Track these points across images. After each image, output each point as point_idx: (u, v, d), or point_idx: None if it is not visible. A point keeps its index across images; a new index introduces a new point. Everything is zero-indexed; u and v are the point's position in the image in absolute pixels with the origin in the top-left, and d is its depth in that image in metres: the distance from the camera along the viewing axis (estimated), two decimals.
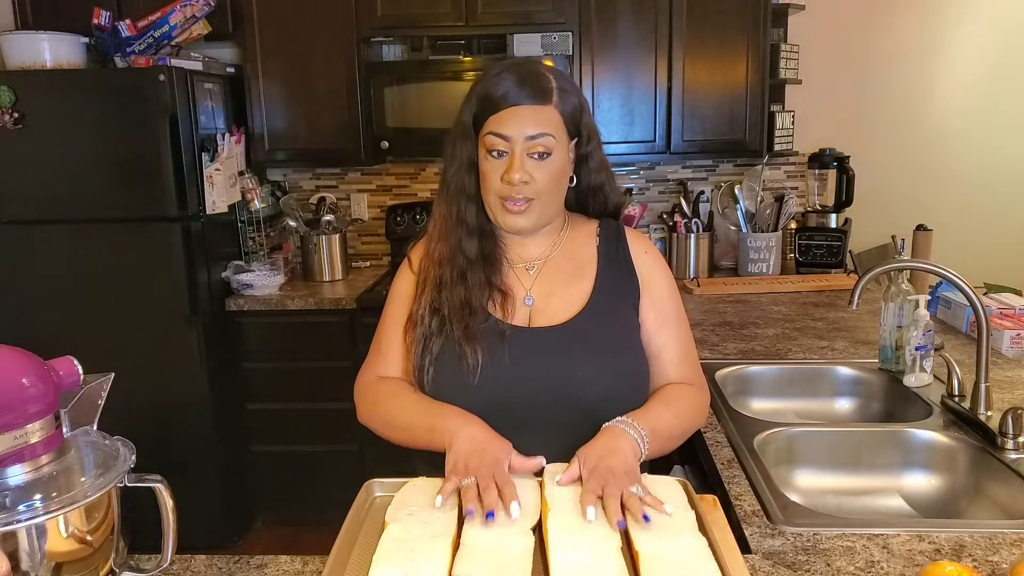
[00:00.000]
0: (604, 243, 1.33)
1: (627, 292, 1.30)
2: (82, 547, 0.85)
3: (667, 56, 2.89)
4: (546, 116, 1.20)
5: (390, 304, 1.35)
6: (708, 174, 3.32)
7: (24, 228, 2.65)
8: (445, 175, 1.29)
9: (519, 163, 1.19)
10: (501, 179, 1.20)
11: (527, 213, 1.23)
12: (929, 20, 3.14)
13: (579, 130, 1.26)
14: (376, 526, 1.01)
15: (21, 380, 0.83)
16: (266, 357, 2.88)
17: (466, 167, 1.25)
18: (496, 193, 1.22)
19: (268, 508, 3.03)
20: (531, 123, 1.19)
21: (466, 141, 1.25)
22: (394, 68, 3.00)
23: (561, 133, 1.22)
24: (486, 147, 1.21)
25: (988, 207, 3.22)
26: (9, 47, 2.63)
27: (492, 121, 1.20)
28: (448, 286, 1.25)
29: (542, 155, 1.20)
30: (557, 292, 1.28)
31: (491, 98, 1.20)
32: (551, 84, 1.21)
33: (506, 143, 1.19)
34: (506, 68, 1.22)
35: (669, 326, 1.31)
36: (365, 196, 3.38)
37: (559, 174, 1.24)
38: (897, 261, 1.98)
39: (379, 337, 1.34)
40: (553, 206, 1.27)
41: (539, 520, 0.99)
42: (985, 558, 1.02)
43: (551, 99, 1.20)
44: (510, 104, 1.19)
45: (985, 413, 1.44)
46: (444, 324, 1.23)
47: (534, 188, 1.21)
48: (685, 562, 0.89)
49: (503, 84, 1.20)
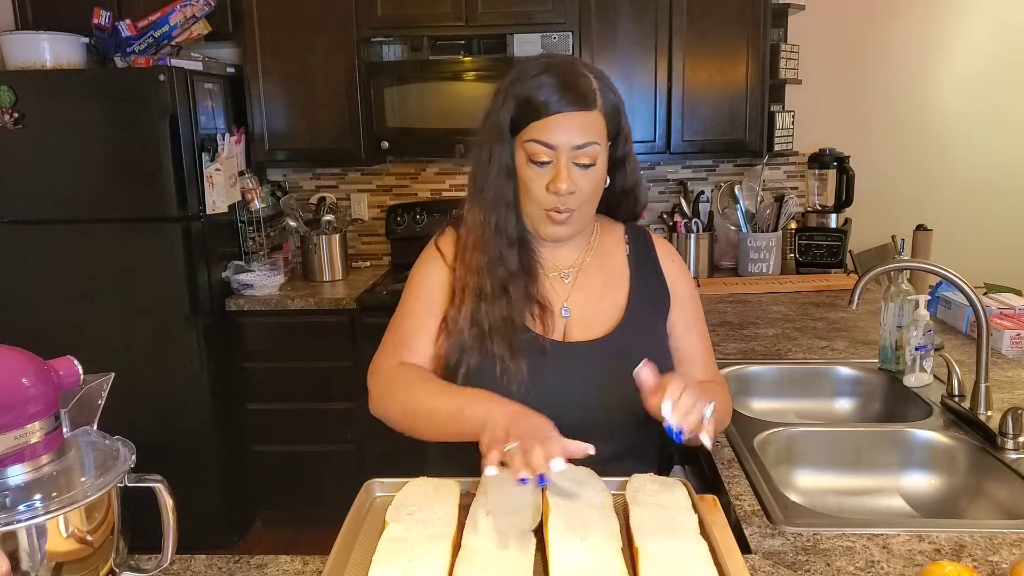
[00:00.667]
0: (634, 251, 1.33)
1: (659, 303, 1.30)
2: (82, 547, 0.85)
3: (667, 56, 2.89)
4: (591, 122, 1.15)
5: (416, 289, 1.28)
6: (708, 174, 3.32)
7: (24, 228, 2.65)
8: (479, 179, 1.23)
9: (566, 172, 1.15)
10: (546, 188, 1.16)
11: (569, 222, 1.20)
12: (929, 20, 3.14)
13: (617, 132, 1.22)
14: (376, 526, 1.01)
15: (21, 380, 0.83)
16: (266, 357, 2.88)
17: (504, 174, 1.20)
18: (540, 204, 1.19)
19: (268, 508, 3.03)
20: (578, 132, 1.14)
21: (503, 145, 1.19)
22: (394, 68, 3.00)
23: (604, 139, 1.19)
24: (527, 154, 1.16)
25: (988, 207, 3.22)
26: (9, 47, 2.63)
27: (535, 128, 1.15)
28: (489, 299, 1.20)
29: (587, 165, 1.16)
30: (592, 304, 1.27)
31: (532, 103, 1.15)
32: (593, 86, 1.16)
33: (551, 152, 1.15)
34: (545, 69, 1.16)
35: (694, 332, 1.34)
36: (365, 196, 3.38)
37: (601, 181, 1.21)
38: (897, 261, 1.98)
39: (401, 322, 1.28)
40: (591, 212, 1.24)
41: (540, 521, 0.99)
42: (985, 558, 1.02)
43: (595, 103, 1.16)
44: (554, 111, 1.14)
45: (985, 413, 1.44)
46: (484, 340, 1.19)
47: (579, 197, 1.18)
48: (685, 564, 0.89)
49: (545, 88, 1.14)
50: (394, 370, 1.23)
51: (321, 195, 3.30)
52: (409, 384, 1.20)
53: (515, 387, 1.16)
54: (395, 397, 1.21)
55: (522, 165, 1.19)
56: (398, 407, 1.20)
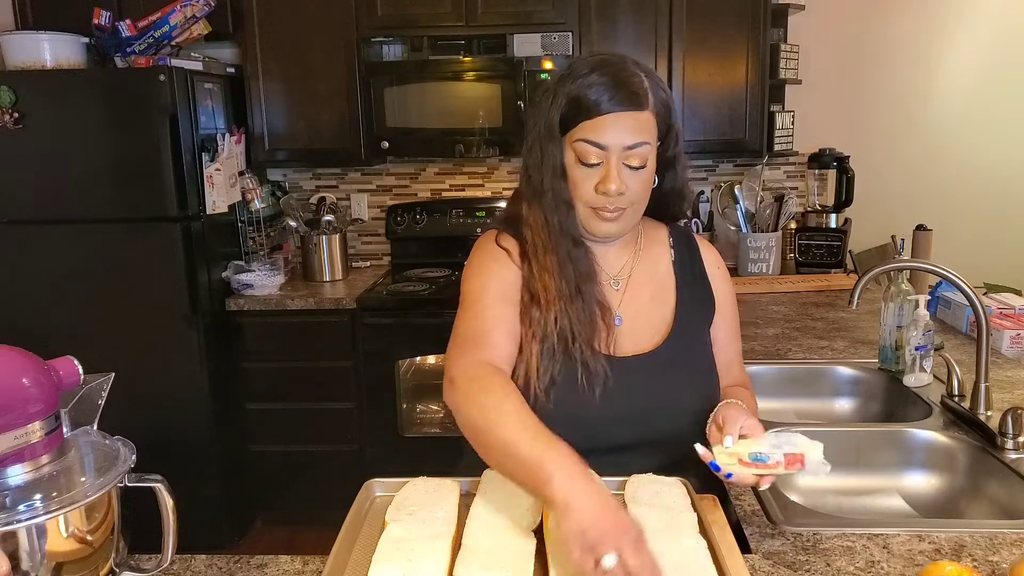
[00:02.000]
0: (679, 257, 1.32)
1: (705, 312, 1.31)
2: (82, 547, 0.85)
3: (667, 56, 2.89)
4: (643, 123, 1.14)
5: (487, 282, 1.22)
6: (708, 174, 3.32)
7: (24, 228, 2.65)
8: (534, 180, 1.21)
9: (616, 173, 1.14)
10: (596, 189, 1.16)
11: (619, 220, 1.19)
12: (929, 20, 3.14)
13: (668, 131, 1.21)
14: (376, 526, 1.01)
15: (21, 380, 0.83)
16: (266, 357, 2.88)
17: (560, 175, 1.19)
18: (588, 203, 1.18)
19: (268, 508, 3.03)
20: (629, 133, 1.13)
21: (554, 144, 1.18)
22: (394, 68, 3.00)
23: (654, 139, 1.18)
24: (577, 154, 1.16)
25: (988, 207, 3.22)
26: (9, 47, 2.63)
27: (586, 127, 1.14)
28: (568, 299, 1.19)
29: (638, 167, 1.15)
30: (643, 315, 1.26)
31: (584, 102, 1.13)
32: (644, 85, 1.15)
33: (602, 152, 1.14)
34: (597, 67, 1.15)
35: (732, 342, 1.35)
36: (365, 196, 3.38)
37: (650, 181, 1.20)
38: (897, 261, 1.99)
39: (477, 321, 1.18)
40: (640, 213, 1.23)
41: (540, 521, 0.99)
42: (985, 558, 1.02)
43: (647, 103, 1.14)
44: (605, 111, 1.12)
45: (985, 413, 1.44)
46: (569, 345, 1.17)
47: (628, 198, 1.17)
48: (684, 563, 0.89)
49: (596, 87, 1.13)
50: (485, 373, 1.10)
51: (321, 195, 3.30)
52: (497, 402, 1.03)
53: (598, 390, 1.15)
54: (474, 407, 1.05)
55: (571, 165, 1.17)
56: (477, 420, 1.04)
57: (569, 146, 1.17)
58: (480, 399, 1.04)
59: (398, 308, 2.79)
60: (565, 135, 1.17)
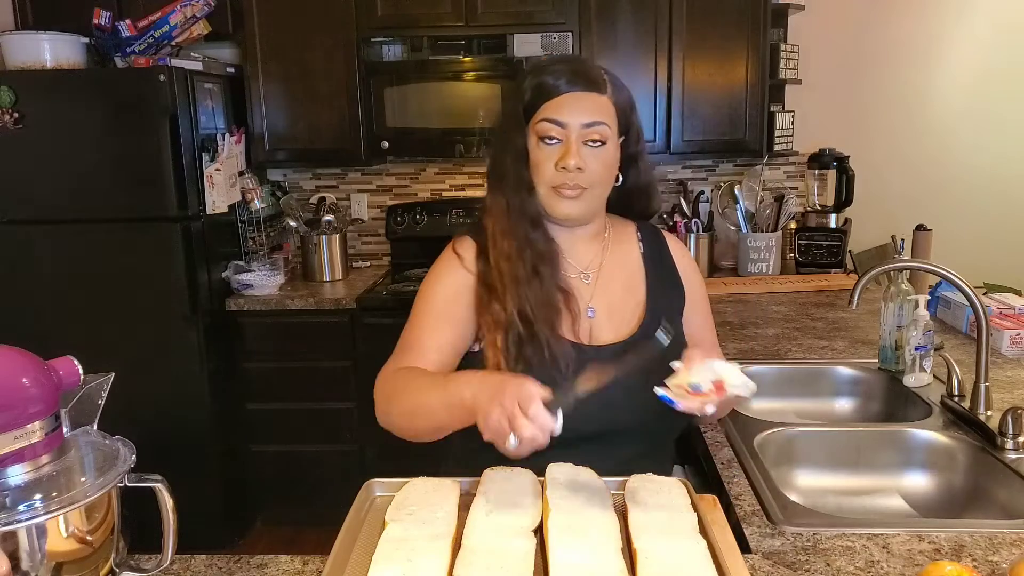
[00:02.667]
0: (648, 249, 1.35)
1: (676, 301, 1.34)
2: (82, 547, 0.85)
3: (667, 56, 2.89)
4: (601, 105, 1.20)
5: (429, 294, 1.27)
6: (708, 174, 3.32)
7: (24, 228, 2.65)
8: (498, 167, 1.26)
9: (575, 148, 1.18)
10: (555, 165, 1.19)
11: (579, 200, 1.22)
12: (929, 20, 3.14)
13: (628, 127, 1.26)
14: (376, 526, 1.01)
15: (21, 380, 0.83)
16: (266, 357, 2.88)
17: (521, 158, 1.23)
18: (549, 182, 1.21)
19: (268, 508, 3.03)
20: (587, 111, 1.18)
21: (518, 131, 1.23)
22: (394, 68, 2.99)
23: (614, 125, 1.22)
24: (539, 134, 1.20)
25: (988, 207, 3.22)
26: (9, 47, 2.63)
27: (547, 108, 1.19)
28: (524, 281, 1.21)
29: (596, 143, 1.19)
30: (616, 305, 1.29)
31: (544, 86, 1.20)
32: (603, 76, 1.22)
33: (561, 130, 1.19)
34: (558, 60, 1.26)
35: (707, 330, 1.39)
36: (365, 196, 3.38)
37: (611, 166, 1.24)
38: (897, 261, 1.99)
39: (412, 330, 1.25)
40: (601, 199, 1.26)
41: (540, 521, 0.99)
42: (985, 558, 1.02)
43: (605, 89, 1.21)
44: (564, 91, 1.19)
45: (985, 413, 1.44)
46: (531, 325, 1.19)
47: (588, 177, 1.20)
48: (684, 563, 0.89)
49: (557, 72, 1.20)
50: (391, 377, 1.20)
51: (321, 195, 3.30)
52: (404, 386, 1.17)
53: (563, 364, 1.17)
54: (395, 405, 1.18)
55: (533, 147, 1.22)
56: (398, 415, 1.17)
57: (532, 130, 1.22)
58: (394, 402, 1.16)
59: (398, 308, 2.79)
60: (528, 121, 1.22)
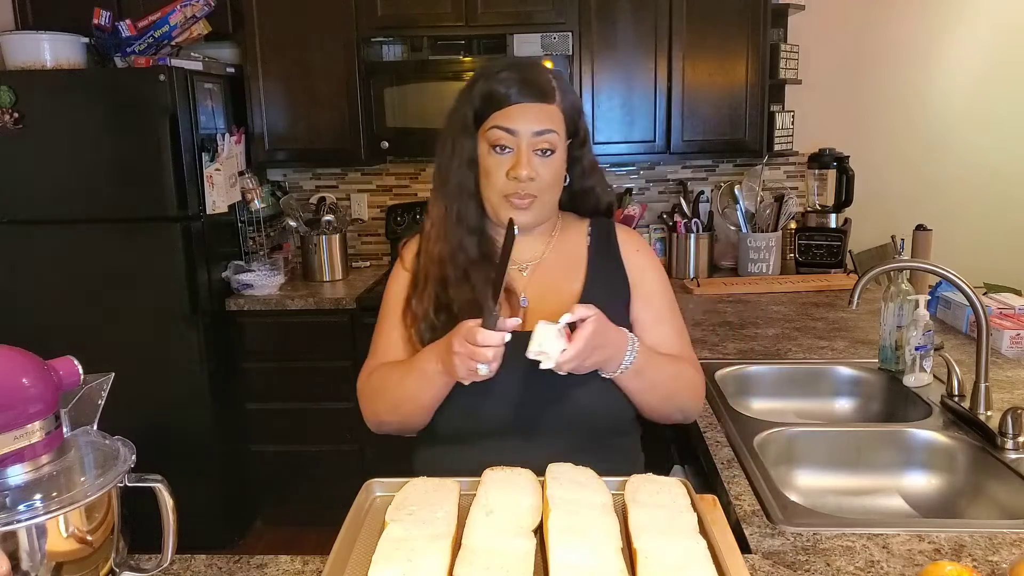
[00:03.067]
0: (595, 243, 1.35)
1: (618, 292, 1.32)
2: (82, 547, 0.85)
3: (667, 56, 2.89)
4: (550, 113, 1.22)
5: (386, 305, 1.35)
6: (708, 174, 3.32)
7: (24, 228, 2.65)
8: (443, 172, 1.28)
9: (526, 158, 1.20)
10: (507, 175, 1.21)
11: (530, 209, 1.24)
12: (929, 20, 3.14)
13: (576, 130, 1.28)
14: (376, 526, 1.01)
15: (21, 380, 0.83)
16: (266, 357, 2.88)
17: (467, 164, 1.25)
18: (500, 190, 1.23)
19: (268, 508, 3.03)
20: (537, 119, 1.20)
21: (466, 138, 1.25)
22: (394, 68, 3.00)
23: (562, 131, 1.24)
24: (489, 142, 1.22)
25: (988, 207, 3.22)
26: (9, 47, 2.63)
27: (497, 116, 1.21)
28: (454, 284, 1.25)
29: (546, 152, 1.21)
30: (551, 294, 1.29)
31: (495, 95, 1.21)
32: (552, 83, 1.23)
33: (512, 138, 1.20)
34: (508, 67, 1.24)
35: (663, 324, 1.33)
36: (365, 196, 3.38)
37: (560, 171, 1.26)
38: (897, 261, 1.99)
39: (376, 338, 1.34)
40: (552, 204, 1.29)
41: (540, 521, 0.99)
42: (985, 558, 1.02)
43: (554, 98, 1.22)
44: (515, 101, 1.20)
45: (985, 413, 1.44)
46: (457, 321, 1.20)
47: (538, 185, 1.22)
48: (684, 563, 0.89)
49: (507, 81, 1.21)
50: (367, 383, 1.30)
51: (321, 195, 3.30)
52: (381, 385, 1.27)
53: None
54: (380, 404, 1.27)
55: (484, 155, 1.24)
56: (384, 411, 1.27)
57: (482, 137, 1.23)
58: (378, 399, 1.27)
59: None
60: (478, 129, 1.24)
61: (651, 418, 1.31)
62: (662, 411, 1.29)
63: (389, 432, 1.31)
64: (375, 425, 1.31)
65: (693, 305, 2.58)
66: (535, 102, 1.20)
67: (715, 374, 1.79)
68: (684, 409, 1.32)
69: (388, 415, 1.27)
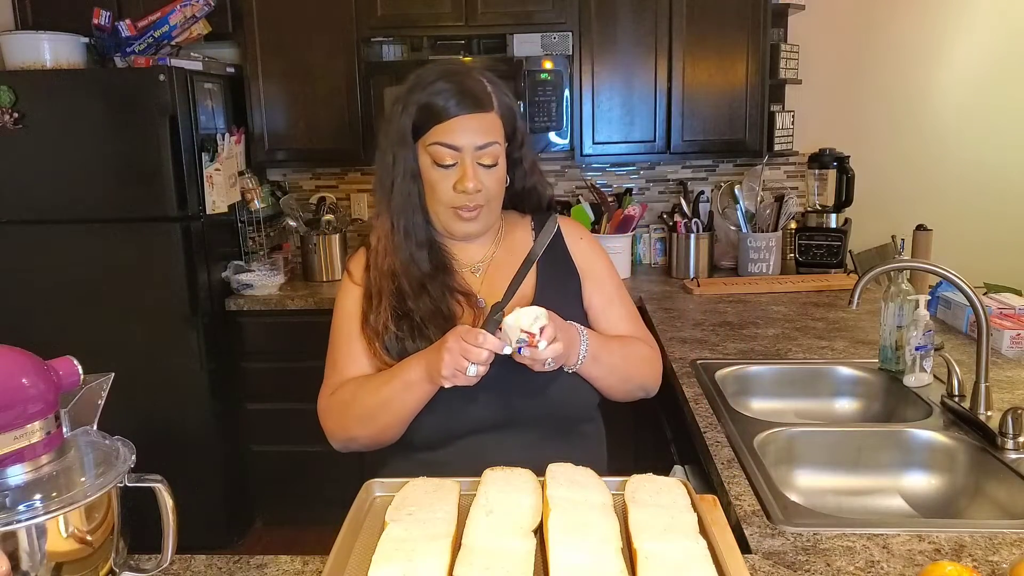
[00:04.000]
0: (539, 238, 1.34)
1: (568, 283, 1.36)
2: (82, 547, 0.85)
3: (667, 56, 2.89)
4: (489, 123, 1.23)
5: (338, 321, 1.35)
6: (708, 174, 3.32)
7: (24, 228, 2.65)
8: (385, 185, 1.28)
9: (472, 172, 1.21)
10: (454, 188, 1.22)
11: (479, 219, 1.26)
12: (929, 20, 3.14)
13: (514, 132, 1.29)
14: (376, 526, 1.01)
15: (21, 380, 0.83)
16: (266, 357, 2.88)
17: (410, 177, 1.26)
18: (448, 203, 1.24)
19: (268, 508, 3.03)
20: (479, 133, 1.21)
21: (406, 150, 1.25)
22: (394, 68, 2.99)
23: (503, 139, 1.25)
24: (432, 157, 1.22)
25: (988, 207, 3.22)
26: (9, 47, 2.63)
27: (438, 131, 1.21)
28: (411, 296, 1.26)
29: (489, 165, 1.23)
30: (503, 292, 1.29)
31: (433, 108, 1.21)
32: (488, 89, 1.24)
33: (456, 153, 1.21)
34: (441, 76, 1.23)
35: (615, 305, 1.38)
36: (365, 196, 3.38)
37: (503, 178, 1.28)
38: (897, 261, 1.98)
39: (333, 356, 1.36)
40: (498, 209, 1.31)
41: (540, 521, 0.99)
42: (985, 558, 1.02)
43: (492, 105, 1.23)
44: (454, 115, 1.20)
45: (985, 413, 1.44)
46: (422, 328, 1.24)
47: (485, 195, 1.24)
48: (684, 563, 0.89)
49: (444, 93, 1.21)
50: (331, 401, 1.32)
51: (321, 195, 3.30)
52: (353, 398, 1.27)
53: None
54: (349, 419, 1.28)
55: (427, 168, 1.24)
56: (357, 423, 1.28)
57: (424, 151, 1.24)
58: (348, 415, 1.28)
59: None
60: (417, 141, 1.24)
61: (616, 399, 1.35)
62: (624, 390, 1.34)
63: (357, 449, 1.33)
64: (343, 441, 1.32)
65: (693, 305, 2.58)
66: (474, 112, 1.21)
67: (715, 374, 1.79)
68: (645, 385, 1.37)
69: (360, 428, 1.28)
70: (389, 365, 1.26)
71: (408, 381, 1.19)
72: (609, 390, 1.32)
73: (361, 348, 1.31)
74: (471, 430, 1.24)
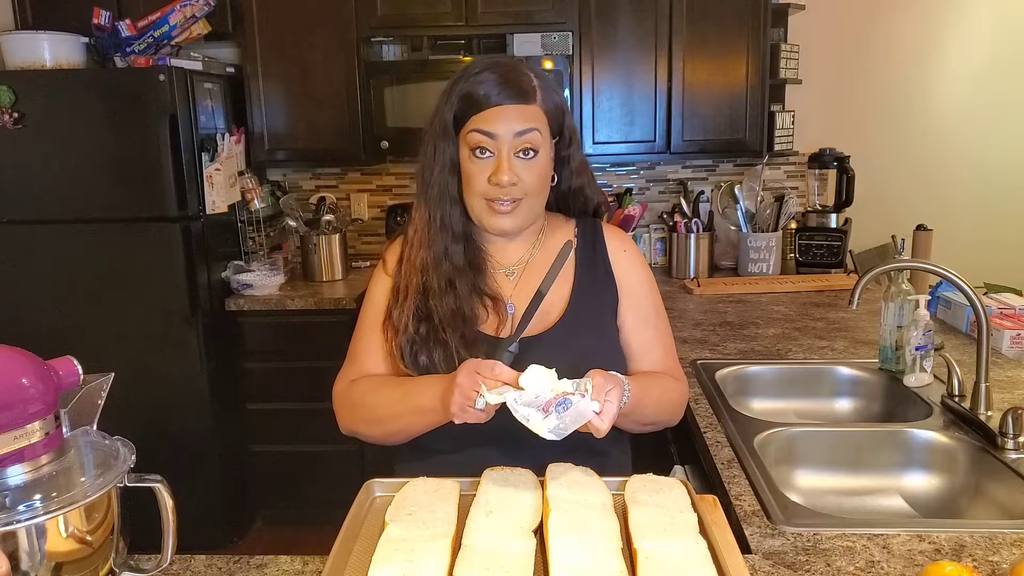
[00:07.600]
0: (582, 244, 1.33)
1: (605, 295, 1.30)
2: (82, 547, 0.85)
3: (667, 56, 2.89)
4: (531, 113, 1.19)
5: (366, 310, 1.33)
6: (708, 174, 3.32)
7: (24, 228, 2.65)
8: (425, 177, 1.27)
9: (507, 164, 1.18)
10: (488, 180, 1.19)
11: (514, 214, 1.22)
12: (929, 19, 3.14)
13: (561, 130, 1.25)
14: (376, 526, 1.01)
15: (21, 380, 0.82)
16: (266, 357, 2.88)
17: (449, 169, 1.24)
18: (482, 195, 1.21)
19: (268, 508, 3.03)
20: (517, 120, 1.18)
21: (447, 142, 1.23)
22: (394, 68, 3.00)
23: (545, 130, 1.21)
24: (470, 146, 1.19)
25: (988, 207, 3.22)
26: (9, 47, 2.63)
27: (477, 119, 1.18)
28: (437, 294, 1.23)
29: (527, 152, 1.19)
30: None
31: (474, 97, 1.18)
32: (533, 83, 1.21)
33: (493, 141, 1.18)
34: (487, 67, 1.21)
35: (650, 326, 1.32)
36: (365, 196, 3.38)
37: (545, 174, 1.23)
38: (897, 261, 1.98)
39: (355, 344, 1.33)
40: (538, 207, 1.26)
41: (540, 521, 0.99)
42: (985, 558, 1.02)
43: (535, 98, 1.20)
44: (494, 103, 1.17)
45: (985, 413, 1.44)
46: (439, 332, 1.21)
47: (522, 188, 1.20)
48: (684, 564, 0.89)
49: (486, 83, 1.18)
50: (348, 391, 1.28)
51: (321, 195, 3.30)
52: (364, 397, 1.25)
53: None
54: (358, 417, 1.26)
55: (465, 159, 1.22)
56: (364, 425, 1.26)
57: (463, 141, 1.21)
58: (357, 412, 1.25)
59: None
60: (458, 132, 1.22)
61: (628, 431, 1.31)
62: (641, 431, 1.30)
63: (365, 440, 1.30)
64: (349, 432, 1.30)
65: (693, 305, 2.58)
66: (515, 103, 1.17)
67: (715, 374, 1.79)
68: (664, 424, 1.32)
69: (367, 430, 1.26)
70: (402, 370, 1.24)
71: (421, 408, 1.16)
72: (626, 429, 1.27)
73: (379, 342, 1.28)
74: (484, 441, 1.19)
